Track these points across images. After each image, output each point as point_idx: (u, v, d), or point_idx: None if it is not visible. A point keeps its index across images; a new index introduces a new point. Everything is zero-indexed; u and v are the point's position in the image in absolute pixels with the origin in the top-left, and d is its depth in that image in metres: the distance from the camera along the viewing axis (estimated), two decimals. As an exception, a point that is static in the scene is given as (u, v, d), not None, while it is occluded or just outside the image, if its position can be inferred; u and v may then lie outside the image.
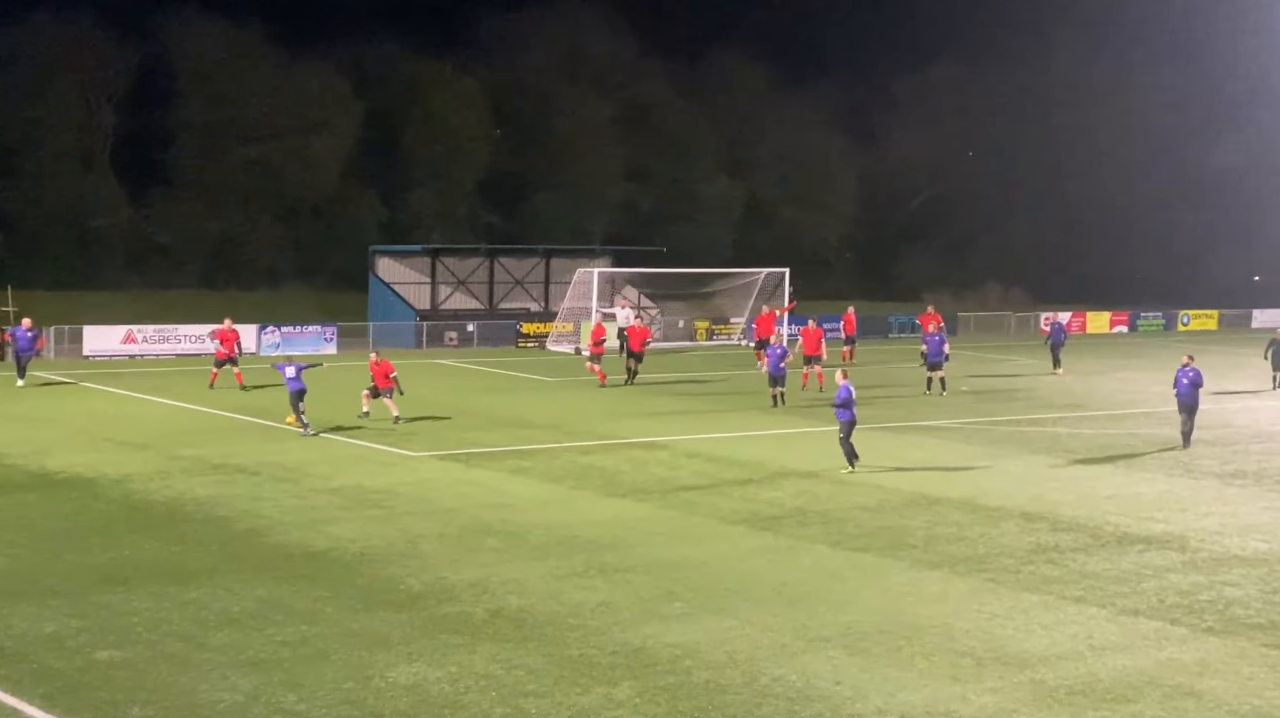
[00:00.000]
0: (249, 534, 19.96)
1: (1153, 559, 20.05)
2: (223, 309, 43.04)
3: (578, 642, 15.47)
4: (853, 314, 46.79)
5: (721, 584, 17.98)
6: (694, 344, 51.84)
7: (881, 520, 21.95)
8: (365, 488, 23.28)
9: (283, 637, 15.34)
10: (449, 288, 53.15)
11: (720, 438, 29.58)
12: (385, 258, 53.06)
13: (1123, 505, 23.63)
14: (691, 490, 23.86)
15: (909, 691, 14.33)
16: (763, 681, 14.45)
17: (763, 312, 44.53)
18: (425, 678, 14.22)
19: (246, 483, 23.48)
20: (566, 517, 21.67)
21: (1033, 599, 17.76)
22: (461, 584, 17.57)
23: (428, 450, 27.13)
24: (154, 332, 43.62)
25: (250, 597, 16.78)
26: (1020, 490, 24.65)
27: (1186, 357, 30.56)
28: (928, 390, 37.60)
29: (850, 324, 46.16)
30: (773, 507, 22.78)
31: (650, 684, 14.24)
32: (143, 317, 46.26)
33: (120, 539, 19.43)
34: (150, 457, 25.71)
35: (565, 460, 26.55)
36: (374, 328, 47.98)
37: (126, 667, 14.30)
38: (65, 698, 13.41)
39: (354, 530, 20.27)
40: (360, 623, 15.92)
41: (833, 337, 45.19)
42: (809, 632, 16.07)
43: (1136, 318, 65.93)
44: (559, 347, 48.99)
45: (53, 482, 23.31)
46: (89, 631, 15.36)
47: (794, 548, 20.08)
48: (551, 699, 13.76)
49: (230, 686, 13.86)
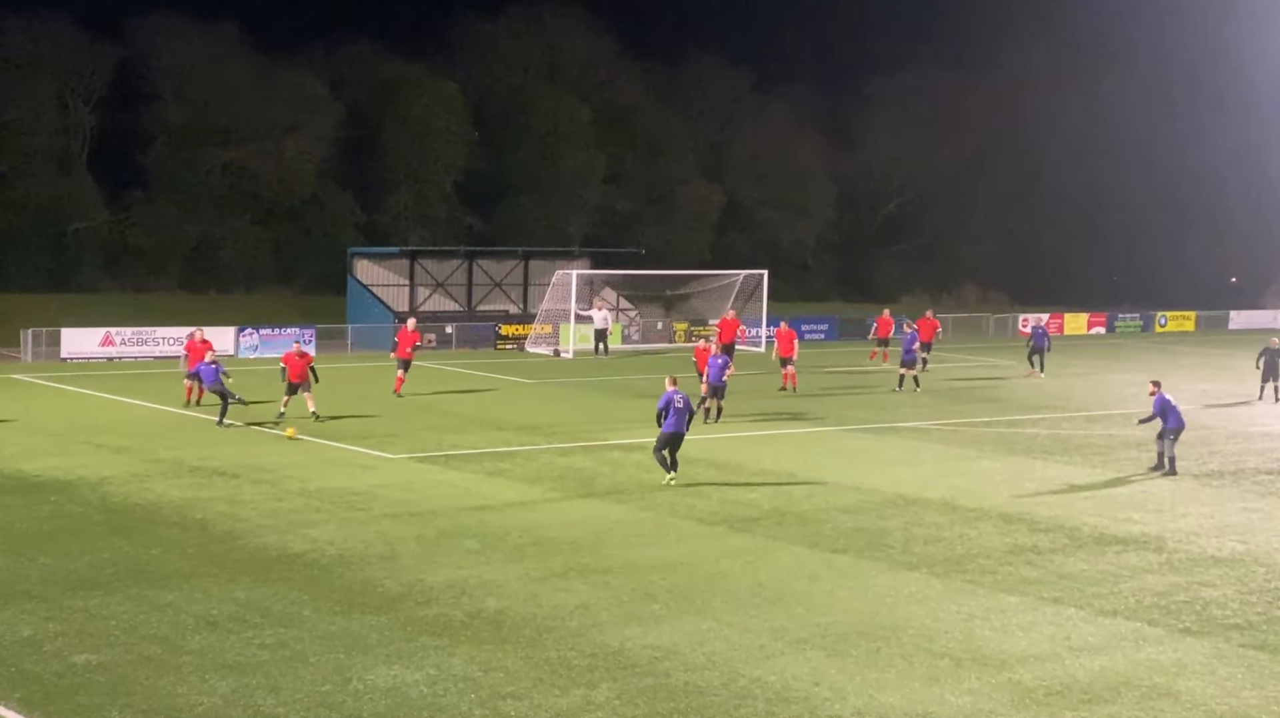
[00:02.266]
0: (227, 537, 19.90)
1: (1130, 560, 20.15)
2: (201, 311, 42.95)
3: (556, 644, 15.47)
4: (888, 317, 46.76)
5: (700, 586, 18.00)
6: (672, 346, 51.89)
7: (859, 522, 22.01)
8: (343, 490, 23.23)
9: (261, 640, 15.30)
10: (427, 290, 53.09)
11: (698, 439, 29.57)
12: (364, 260, 53.00)
13: (1100, 506, 23.74)
14: (669, 492, 23.87)
15: (887, 692, 14.37)
16: (741, 682, 14.48)
17: (728, 315, 44.18)
18: (404, 681, 14.20)
19: (224, 486, 23.41)
20: (545, 518, 21.66)
21: (1011, 600, 17.83)
22: (440, 586, 17.56)
23: (406, 453, 27.08)
24: (132, 334, 43.46)
25: (228, 600, 16.73)
26: (998, 492, 24.75)
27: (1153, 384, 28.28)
28: (899, 388, 38.61)
29: (885, 327, 46.23)
30: (750, 508, 22.82)
31: (629, 686, 14.25)
32: (121, 319, 46.09)
33: (98, 542, 19.35)
34: (128, 459, 25.61)
35: (543, 462, 26.54)
36: (352, 330, 47.89)
37: (104, 670, 14.24)
38: (43, 702, 13.35)
39: (332, 533, 20.23)
40: (338, 626, 15.89)
41: (813, 337, 45.49)
42: (787, 633, 16.10)
43: (1114, 319, 66.28)
44: (538, 348, 48.99)
45: (29, 485, 23.18)
46: (66, 634, 15.30)
47: (772, 549, 20.12)
48: (530, 701, 13.76)
49: (209, 688, 13.82)
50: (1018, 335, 61.01)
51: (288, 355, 30.91)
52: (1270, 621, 17.33)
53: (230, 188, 66.41)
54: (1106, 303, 75.65)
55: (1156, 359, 50.24)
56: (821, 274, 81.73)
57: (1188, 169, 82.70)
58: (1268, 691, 14.83)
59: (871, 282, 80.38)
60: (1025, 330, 61.51)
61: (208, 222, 65.46)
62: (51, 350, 42.02)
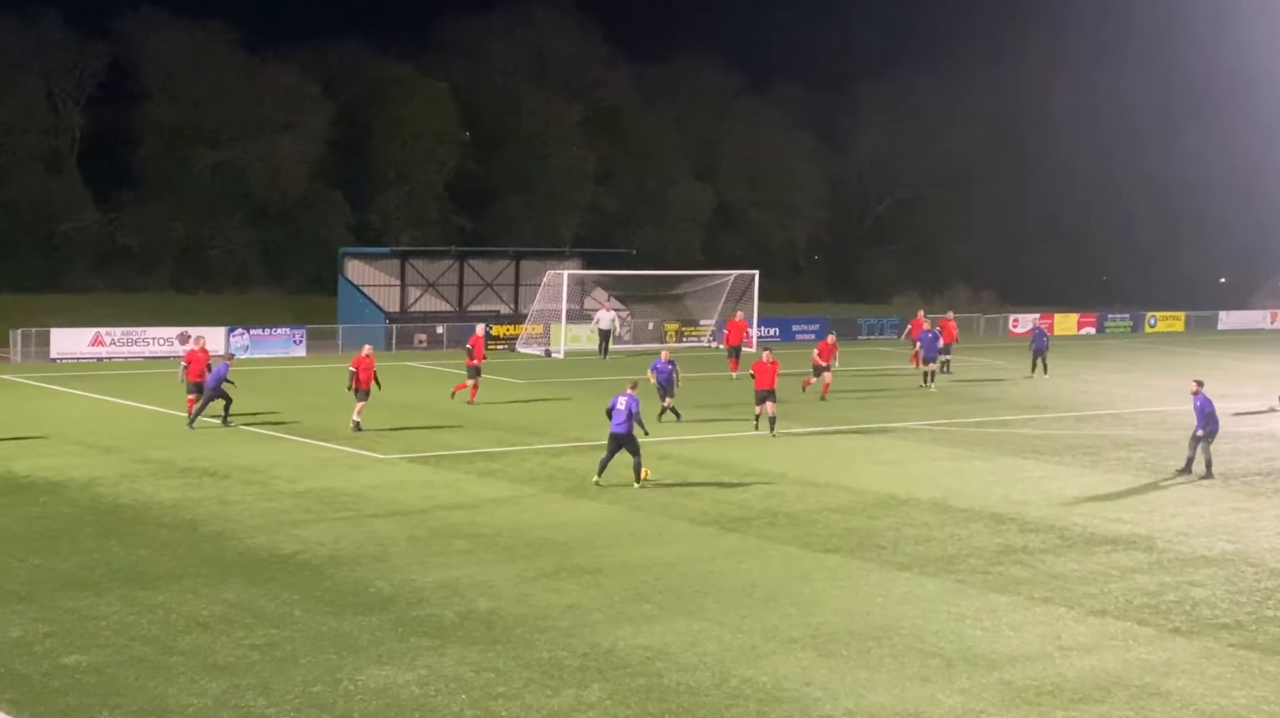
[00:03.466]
0: (217, 537, 19.86)
1: (1120, 560, 20.20)
2: (192, 312, 42.86)
3: (548, 644, 15.46)
4: (923, 318, 43.44)
5: (691, 586, 18.00)
6: (663, 346, 51.79)
7: (850, 522, 22.03)
8: (334, 491, 23.20)
9: (251, 640, 15.28)
10: (418, 290, 53.04)
11: (689, 440, 29.61)
12: (355, 260, 52.91)
13: (1090, 507, 23.79)
14: (661, 491, 23.87)
15: (879, 692, 14.39)
16: (733, 682, 14.48)
17: (736, 317, 44.30)
18: (395, 681, 14.19)
19: (214, 486, 23.37)
20: (536, 519, 21.65)
21: (1001, 600, 17.86)
22: (431, 587, 17.54)
23: (397, 453, 27.05)
24: (122, 334, 43.37)
25: (219, 600, 16.70)
26: (989, 492, 24.78)
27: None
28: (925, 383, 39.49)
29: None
30: (742, 508, 22.83)
31: (621, 686, 14.25)
32: (110, 319, 45.98)
33: (88, 543, 19.30)
34: (118, 460, 25.55)
35: (535, 463, 26.53)
36: (343, 330, 47.83)
37: (94, 671, 14.21)
38: (33, 703, 13.32)
39: (323, 533, 20.20)
40: (329, 626, 15.87)
41: (804, 338, 45.27)
42: (779, 633, 16.11)
43: (1104, 319, 66.41)
44: (529, 349, 48.97)
45: (19, 485, 23.12)
46: (56, 635, 15.26)
47: (763, 549, 20.13)
48: (522, 702, 13.75)
49: (199, 689, 13.80)
50: (1009, 336, 61.12)
51: (359, 359, 29.63)
52: (1260, 620, 17.38)
53: (220, 188, 66.31)
54: (1096, 303, 75.79)
55: (1146, 360, 50.36)
56: (812, 274, 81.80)
57: (1177, 169, 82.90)
58: (1257, 690, 14.87)
59: (862, 281, 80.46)
60: (1016, 331, 61.74)
61: (198, 222, 65.37)
62: (41, 351, 41.91)
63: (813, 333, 56.90)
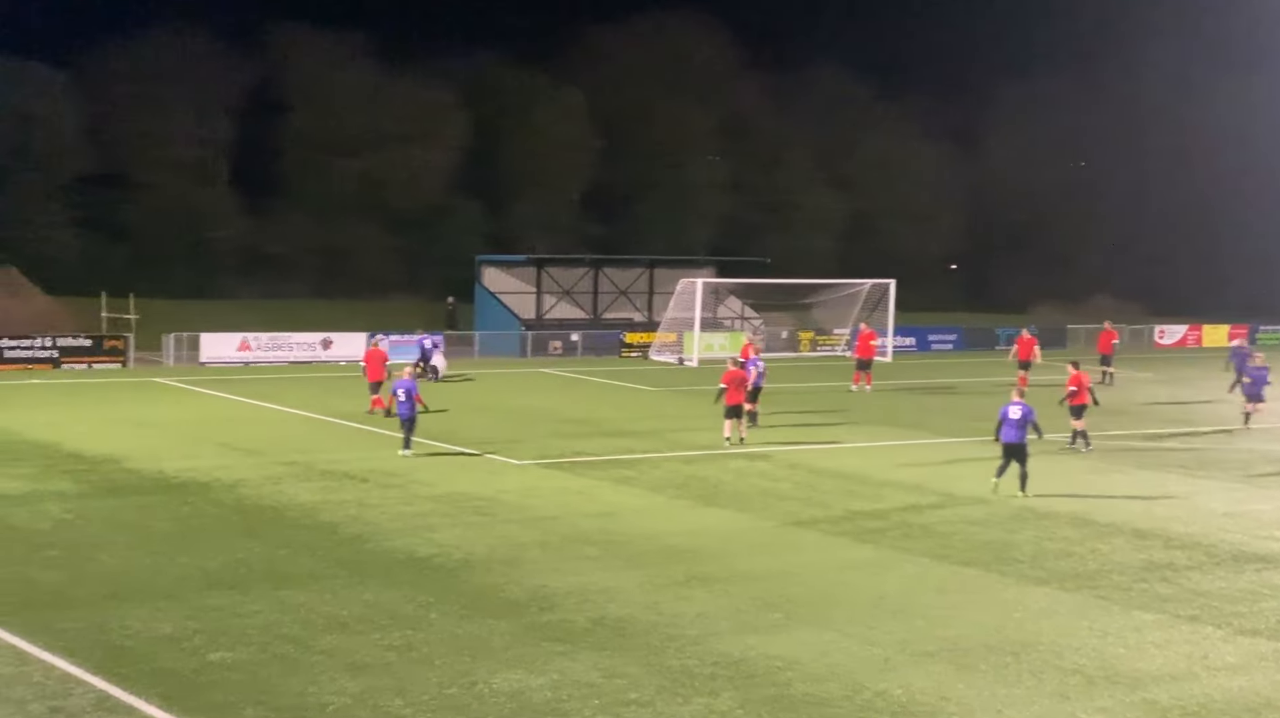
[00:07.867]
0: (355, 540, 20.26)
1: (1272, 578, 19.51)
2: (333, 318, 43.83)
3: (677, 652, 15.46)
4: (1029, 336, 41.57)
5: (821, 596, 17.85)
6: (797, 355, 51.59)
7: (987, 534, 21.64)
8: (470, 495, 23.51)
9: (388, 641, 15.55)
10: (554, 298, 53.51)
11: (822, 449, 29.40)
12: (491, 268, 53.59)
13: (1239, 523, 23.03)
14: (792, 501, 23.73)
15: (1017, 707, 14.10)
16: (865, 694, 14.32)
17: (862, 329, 43.72)
18: (527, 685, 14.31)
19: (354, 489, 23.85)
20: (667, 526, 21.68)
21: (1145, 617, 17.38)
22: (562, 592, 17.67)
23: (532, 459, 27.32)
24: (268, 339, 44.56)
25: (357, 601, 17.03)
26: (1131, 506, 24.15)
27: None
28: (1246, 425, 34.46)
29: (1027, 348, 40.83)
30: (875, 519, 22.58)
31: (750, 696, 14.19)
32: (256, 324, 47.30)
33: (233, 543, 19.84)
34: (262, 462, 26.23)
35: (667, 470, 26.57)
36: (480, 337, 48.50)
37: (239, 668, 14.59)
38: (182, 698, 13.71)
39: (457, 537, 20.48)
40: (463, 629, 16.08)
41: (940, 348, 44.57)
42: (911, 646, 15.89)
43: (1255, 330, 64.23)
44: (662, 357, 49.08)
45: (169, 486, 23.88)
46: (203, 632, 15.70)
47: (896, 560, 19.88)
48: (653, 709, 13.77)
49: (339, 688, 14.08)
50: (1154, 348, 59.57)
51: (369, 353, 28.35)
52: None
53: (360, 196, 67.80)
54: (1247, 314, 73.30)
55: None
56: (947, 284, 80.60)
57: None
58: None
59: (999, 292, 79.04)
60: (1162, 342, 60.17)
61: (338, 230, 66.91)
62: (191, 355, 43.26)
63: (950, 343, 56.17)
